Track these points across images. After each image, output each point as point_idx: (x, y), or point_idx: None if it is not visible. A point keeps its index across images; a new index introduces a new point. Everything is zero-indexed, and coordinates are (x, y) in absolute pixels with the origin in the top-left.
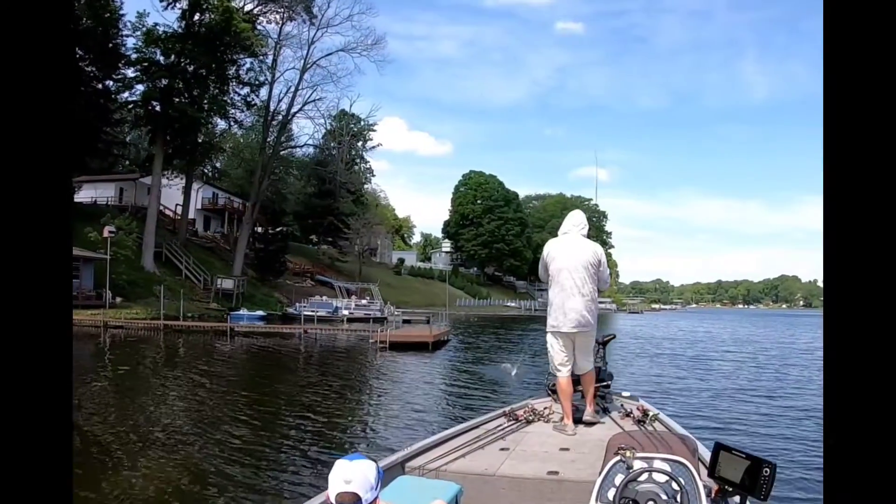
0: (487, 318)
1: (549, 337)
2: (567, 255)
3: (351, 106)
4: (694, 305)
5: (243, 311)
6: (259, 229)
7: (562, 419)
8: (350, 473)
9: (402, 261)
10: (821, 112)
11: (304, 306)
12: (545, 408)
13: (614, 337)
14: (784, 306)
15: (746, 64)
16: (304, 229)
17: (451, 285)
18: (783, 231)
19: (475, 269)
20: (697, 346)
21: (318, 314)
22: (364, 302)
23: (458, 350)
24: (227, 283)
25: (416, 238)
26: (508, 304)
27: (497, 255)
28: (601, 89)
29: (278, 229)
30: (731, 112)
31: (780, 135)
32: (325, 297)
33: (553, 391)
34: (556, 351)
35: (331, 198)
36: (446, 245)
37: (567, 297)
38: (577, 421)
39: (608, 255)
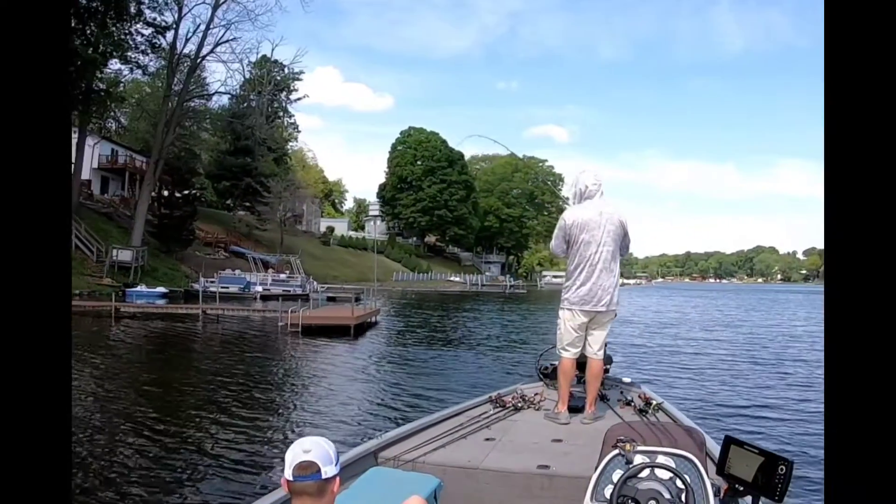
0: (427, 295)
1: (565, 314)
2: (595, 225)
3: (273, 51)
4: (660, 280)
5: (142, 288)
6: (165, 192)
7: (555, 406)
8: (308, 444)
9: (331, 230)
10: (805, 67)
11: (212, 281)
12: (536, 394)
13: (615, 316)
14: (760, 280)
15: (720, 12)
16: (218, 193)
17: (386, 257)
18: (759, 198)
19: (414, 238)
20: (669, 335)
21: (228, 291)
22: (283, 276)
23: (386, 335)
24: (125, 255)
25: (349, 204)
26: (452, 278)
27: (439, 223)
28: (558, 38)
29: (185, 192)
30: (702, 65)
31: (756, 91)
32: (237, 271)
33: (545, 375)
34: (570, 330)
35: (248, 156)
36: (374, 208)
37: (595, 274)
38: (573, 409)
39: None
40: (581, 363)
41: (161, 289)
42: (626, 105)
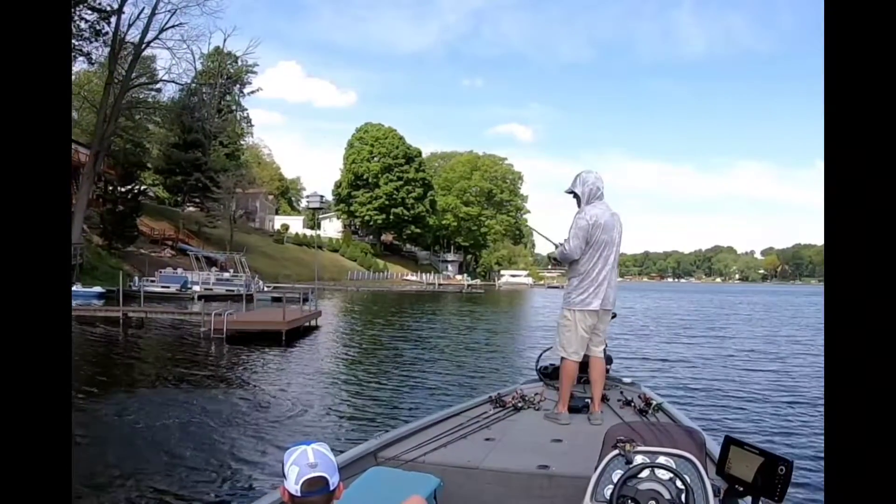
0: (381, 294)
1: (577, 315)
2: (611, 226)
3: (225, 41)
4: (619, 279)
5: (77, 287)
6: (110, 187)
7: (555, 407)
8: (313, 457)
9: (285, 227)
10: (764, 72)
11: (152, 281)
12: (536, 394)
13: (616, 315)
14: (718, 280)
15: (682, 14)
16: (167, 188)
17: (342, 255)
18: (717, 198)
19: (370, 237)
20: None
21: (168, 290)
22: (226, 275)
23: (323, 342)
24: None
25: (306, 202)
26: (408, 277)
27: (396, 222)
28: (521, 37)
29: (129, 186)
30: (663, 67)
31: (717, 93)
32: (179, 269)
33: (546, 375)
34: (581, 332)
35: (198, 150)
36: (314, 199)
37: (608, 274)
38: (573, 410)
39: (523, 222)
40: (582, 363)
41: (98, 288)
42: (589, 105)
